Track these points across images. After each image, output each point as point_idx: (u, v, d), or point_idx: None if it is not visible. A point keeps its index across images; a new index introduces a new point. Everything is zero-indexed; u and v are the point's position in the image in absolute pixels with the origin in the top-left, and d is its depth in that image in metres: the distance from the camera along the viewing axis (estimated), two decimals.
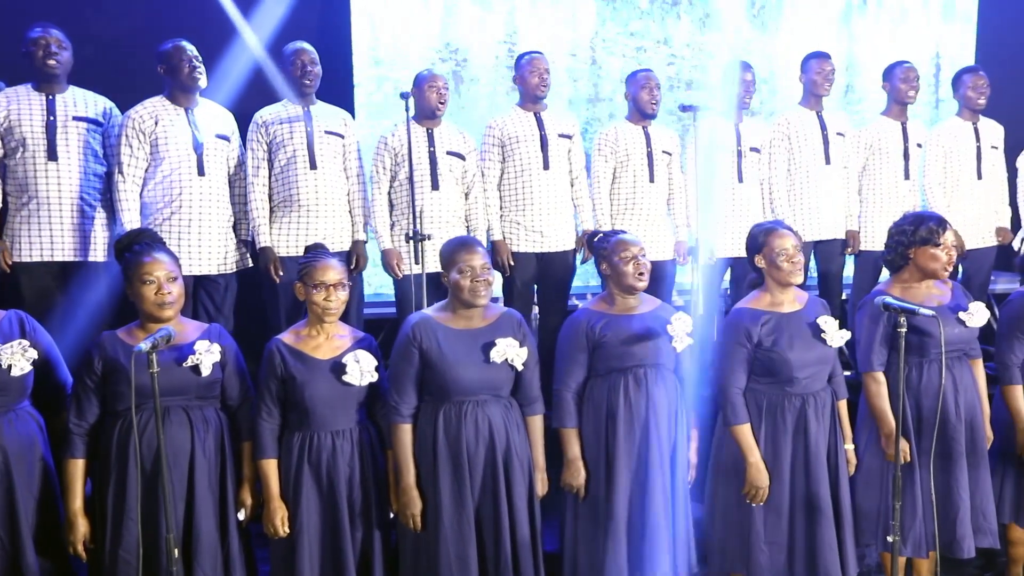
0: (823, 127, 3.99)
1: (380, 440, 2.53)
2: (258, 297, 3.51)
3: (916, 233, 2.79)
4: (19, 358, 2.19)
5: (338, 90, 4.15)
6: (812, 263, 4.10)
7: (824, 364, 2.70)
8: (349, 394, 2.43)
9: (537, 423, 2.61)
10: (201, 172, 3.24)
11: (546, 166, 3.65)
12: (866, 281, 4.03)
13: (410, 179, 3.27)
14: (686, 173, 3.88)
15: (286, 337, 2.47)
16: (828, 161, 3.98)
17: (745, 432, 2.64)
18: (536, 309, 3.86)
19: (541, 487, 2.60)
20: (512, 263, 3.68)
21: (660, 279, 3.88)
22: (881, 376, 2.75)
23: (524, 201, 3.66)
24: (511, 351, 2.47)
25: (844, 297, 4.26)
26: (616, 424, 2.57)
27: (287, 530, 2.38)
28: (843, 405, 2.81)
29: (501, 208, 3.70)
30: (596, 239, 2.75)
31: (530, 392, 2.59)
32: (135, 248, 2.35)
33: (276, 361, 2.41)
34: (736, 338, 2.65)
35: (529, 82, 3.66)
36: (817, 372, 2.68)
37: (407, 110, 3.26)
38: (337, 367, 2.41)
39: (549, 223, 3.66)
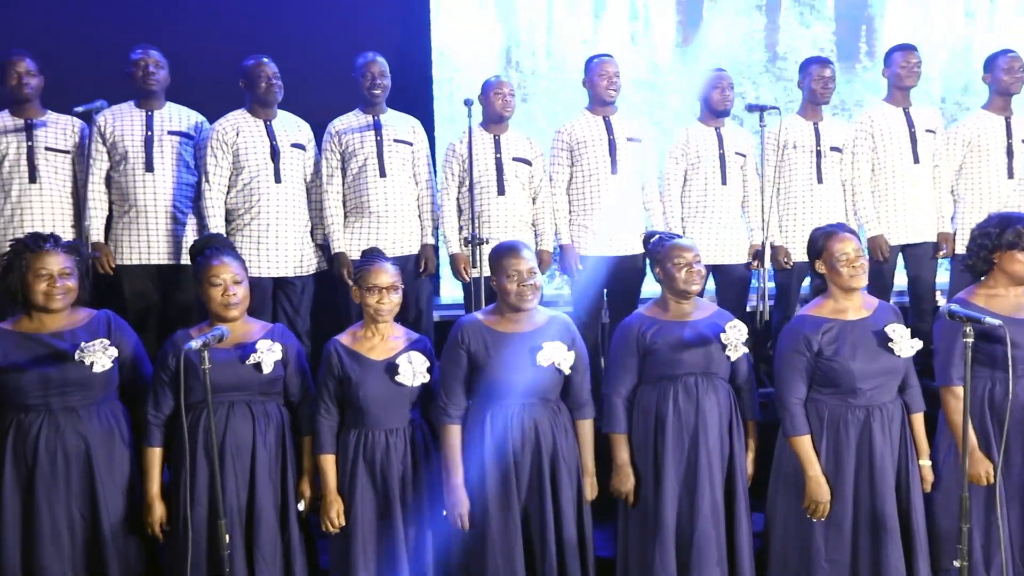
0: (910, 124, 3.77)
1: (434, 439, 2.61)
2: (335, 298, 3.67)
3: (1001, 236, 2.62)
4: (100, 355, 2.40)
5: (417, 97, 4.29)
6: (900, 269, 3.89)
7: (892, 375, 2.56)
8: (402, 394, 2.52)
9: (587, 427, 2.62)
10: (278, 180, 3.43)
11: (614, 170, 3.64)
12: (963, 288, 3.77)
13: (470, 184, 3.34)
14: (761, 175, 3.76)
15: (343, 338, 2.58)
16: (916, 160, 3.76)
17: (805, 444, 2.55)
18: (606, 313, 3.85)
19: (590, 491, 2.60)
20: (580, 267, 3.68)
21: (732, 284, 3.80)
22: (960, 390, 2.58)
23: (592, 205, 3.66)
24: (558, 355, 2.49)
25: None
26: (665, 432, 2.55)
27: (342, 523, 2.48)
28: (918, 419, 2.66)
29: (569, 212, 3.71)
30: (651, 242, 2.72)
31: (579, 396, 2.60)
32: (206, 252, 2.52)
33: (333, 361, 2.52)
34: (795, 346, 2.56)
35: (598, 85, 3.65)
36: (884, 383, 2.55)
37: (469, 116, 3.33)
38: (391, 367, 2.51)
39: (617, 227, 3.64)
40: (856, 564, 2.55)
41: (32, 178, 3.36)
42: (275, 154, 3.43)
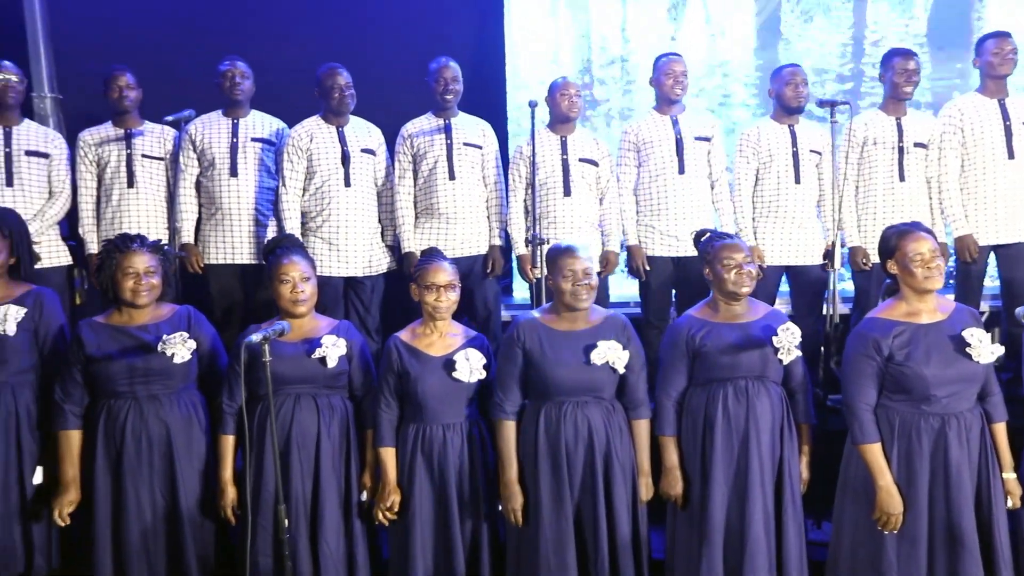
0: (1005, 116, 3.55)
1: (491, 435, 2.65)
2: (406, 297, 3.77)
3: None
4: (181, 348, 2.56)
5: (491, 101, 4.37)
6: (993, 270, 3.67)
7: (969, 382, 2.43)
8: (459, 389, 2.58)
9: (642, 427, 2.61)
10: (347, 184, 3.56)
11: (681, 170, 3.60)
12: None
13: (532, 186, 3.38)
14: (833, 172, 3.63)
15: (403, 334, 2.67)
16: (1011, 155, 3.54)
17: (874, 452, 2.45)
18: (675, 313, 3.80)
19: (645, 492, 2.59)
20: (647, 268, 3.66)
21: (808, 286, 3.69)
22: None
23: (659, 205, 3.63)
24: (612, 354, 2.49)
25: None
26: (714, 435, 2.51)
27: (396, 515, 2.56)
28: (1000, 429, 2.51)
29: (636, 213, 3.69)
30: (701, 241, 2.69)
31: (635, 396, 2.59)
32: (276, 252, 2.66)
33: (393, 357, 2.61)
34: (864, 350, 2.47)
35: (664, 84, 3.62)
36: (960, 391, 2.43)
37: (532, 118, 3.36)
38: (448, 364, 2.57)
39: (685, 227, 3.59)
40: None
41: (130, 183, 3.62)
42: (345, 159, 3.57)
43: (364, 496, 2.65)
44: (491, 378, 2.62)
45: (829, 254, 3.51)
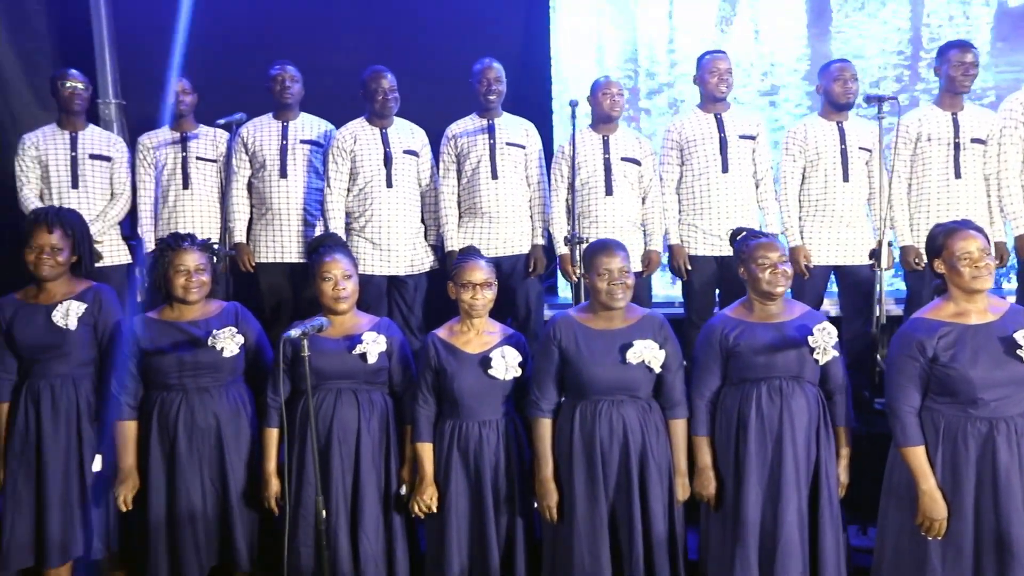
0: None
1: (527, 432, 2.67)
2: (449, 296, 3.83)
3: None
4: (229, 342, 2.66)
5: (536, 101, 4.39)
6: None
7: (1021, 385, 2.35)
8: (495, 387, 2.61)
9: (679, 427, 2.59)
10: (389, 184, 3.63)
11: (725, 168, 3.56)
12: None
13: (571, 185, 3.39)
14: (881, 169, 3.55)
15: (441, 332, 2.71)
16: None
17: (917, 456, 2.39)
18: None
19: (682, 492, 2.58)
20: (689, 267, 3.63)
21: (857, 286, 3.60)
22: None
23: (702, 204, 3.59)
24: (648, 353, 2.48)
25: None
26: (747, 435, 2.48)
27: (434, 509, 2.60)
28: None
29: (679, 212, 3.67)
30: (737, 240, 2.65)
31: (672, 395, 2.58)
32: (320, 250, 2.73)
33: (431, 353, 2.65)
34: (908, 351, 2.41)
35: (709, 82, 3.59)
36: (1011, 394, 2.35)
37: (573, 117, 3.37)
38: (484, 361, 2.60)
39: (728, 226, 3.52)
40: None
41: (185, 185, 3.76)
42: (387, 160, 3.63)
43: (403, 490, 2.70)
44: (528, 376, 2.64)
45: (875, 253, 3.42)
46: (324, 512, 2.37)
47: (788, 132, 3.66)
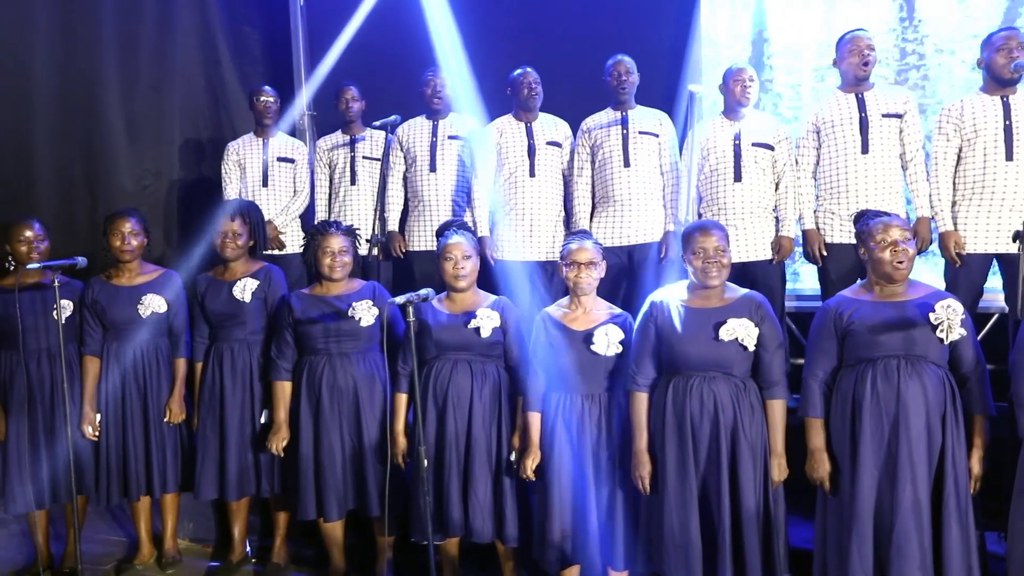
0: None
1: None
2: None
3: None
4: (366, 314, 3.03)
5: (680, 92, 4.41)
6: None
7: None
8: (598, 362, 2.75)
9: (776, 407, 2.58)
10: (532, 174, 3.86)
11: (865, 149, 3.39)
12: None
13: (687, 172, 3.41)
14: None
15: (552, 309, 2.89)
16: None
17: None
18: None
19: (778, 472, 2.56)
20: (825, 253, 3.50)
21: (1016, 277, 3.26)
22: None
23: (839, 189, 3.46)
24: (741, 331, 2.50)
25: None
26: (862, 417, 2.40)
27: (533, 475, 2.78)
28: None
29: (817, 197, 3.55)
30: (859, 222, 2.57)
31: (769, 376, 2.57)
32: (445, 233, 3.02)
33: (540, 329, 2.84)
34: None
35: (849, 62, 3.44)
36: None
37: (690, 106, 3.39)
38: (588, 337, 2.75)
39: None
40: None
41: (352, 181, 4.25)
42: (531, 151, 3.87)
43: (513, 456, 2.91)
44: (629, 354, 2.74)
45: (1020, 234, 3.09)
46: (425, 462, 2.63)
47: (943, 109, 3.41)
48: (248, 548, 3.58)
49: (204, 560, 3.62)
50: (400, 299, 2.58)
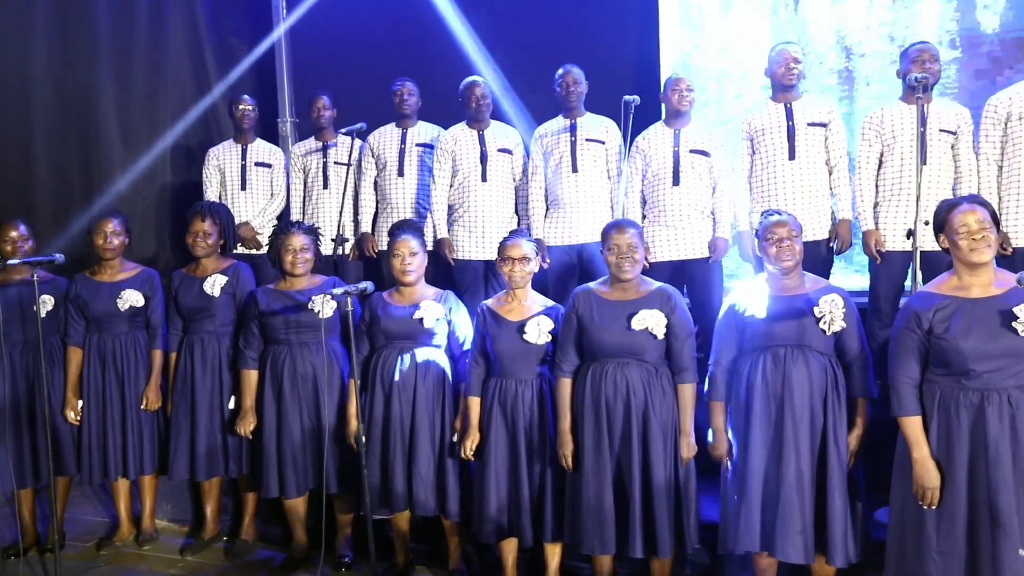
0: None
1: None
2: (540, 278, 4.22)
3: None
4: (324, 306, 3.29)
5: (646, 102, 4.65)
6: None
7: (1015, 358, 2.32)
8: (529, 350, 2.99)
9: (686, 391, 2.82)
10: (483, 179, 4.11)
11: (792, 156, 3.63)
12: None
13: (634, 175, 3.66)
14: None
15: (490, 301, 3.14)
16: None
17: (912, 425, 2.44)
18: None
19: (686, 450, 2.80)
20: (759, 254, 3.72)
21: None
22: None
23: (769, 193, 3.69)
24: (651, 320, 2.75)
25: None
26: (753, 399, 2.65)
27: (471, 455, 3.03)
28: None
29: (750, 200, 3.79)
30: (760, 219, 2.82)
31: (679, 362, 2.82)
32: (395, 232, 3.28)
33: (479, 320, 3.10)
34: (905, 324, 2.46)
35: (776, 73, 3.68)
36: (1005, 366, 2.32)
37: (630, 115, 3.60)
38: (521, 327, 3.00)
39: (797, 214, 3.59)
40: (975, 560, 2.35)
41: (324, 185, 4.51)
42: (483, 158, 4.13)
43: (455, 437, 3.16)
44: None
45: (911, 233, 3.32)
46: (364, 438, 2.89)
47: (865, 117, 3.65)
48: (220, 527, 3.85)
49: (180, 538, 3.89)
50: (338, 290, 2.84)
